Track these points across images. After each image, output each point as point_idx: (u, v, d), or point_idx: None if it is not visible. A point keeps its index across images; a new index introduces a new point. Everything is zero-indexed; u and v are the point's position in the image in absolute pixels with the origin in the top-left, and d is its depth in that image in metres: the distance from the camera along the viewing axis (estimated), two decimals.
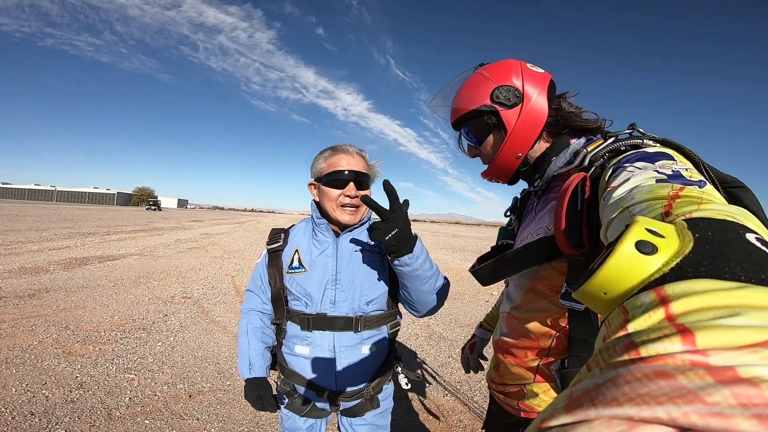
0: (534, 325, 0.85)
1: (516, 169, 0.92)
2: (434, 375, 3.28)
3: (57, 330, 3.72)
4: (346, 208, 1.19)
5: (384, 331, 1.27)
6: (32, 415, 2.28)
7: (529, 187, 1.00)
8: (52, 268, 6.80)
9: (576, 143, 0.85)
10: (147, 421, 2.30)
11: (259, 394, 1.23)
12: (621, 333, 0.25)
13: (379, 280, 1.24)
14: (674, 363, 0.20)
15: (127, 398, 2.56)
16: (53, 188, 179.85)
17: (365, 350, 1.23)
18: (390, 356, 1.32)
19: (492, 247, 1.00)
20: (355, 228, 1.25)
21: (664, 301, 0.25)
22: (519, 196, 1.08)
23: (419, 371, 1.44)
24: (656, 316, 0.25)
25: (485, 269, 0.87)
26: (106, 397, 2.54)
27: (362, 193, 1.20)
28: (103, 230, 15.60)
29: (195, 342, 3.68)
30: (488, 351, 1.37)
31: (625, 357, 0.22)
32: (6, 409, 2.32)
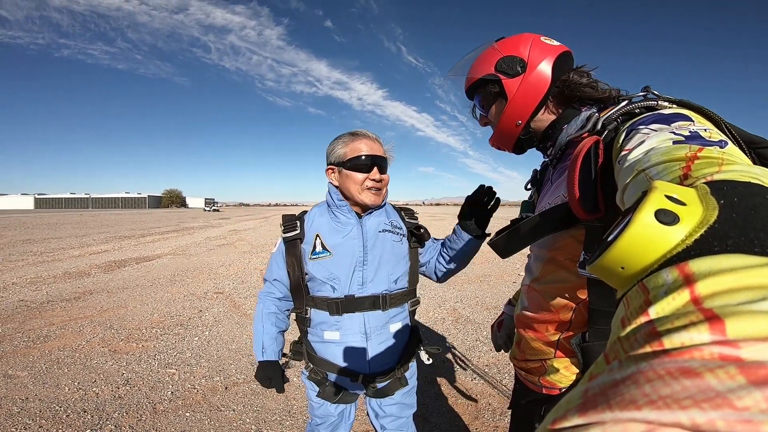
0: (554, 298, 0.83)
1: (517, 136, 0.93)
2: (462, 358, 3.29)
3: (102, 330, 3.96)
4: (371, 190, 1.23)
5: (406, 308, 1.34)
6: (84, 412, 2.44)
7: (545, 157, 1.00)
8: (93, 271, 7.19)
9: (587, 110, 0.84)
10: (188, 414, 2.43)
11: (269, 375, 1.29)
12: (642, 318, 0.23)
13: (402, 258, 1.30)
14: (702, 357, 0.18)
15: (169, 392, 2.70)
16: (88, 196, 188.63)
17: (393, 329, 1.29)
18: (413, 333, 1.37)
19: (511, 221, 0.98)
20: (375, 209, 1.29)
21: (688, 281, 0.23)
22: (538, 169, 1.07)
23: (438, 346, 1.48)
24: (680, 298, 0.22)
25: (502, 240, 0.86)
26: (150, 392, 2.70)
27: (385, 177, 1.26)
28: (138, 233, 16.32)
29: (229, 335, 3.83)
30: None
31: (647, 349, 0.20)
32: (60, 407, 2.49)
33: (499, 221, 1.08)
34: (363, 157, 1.20)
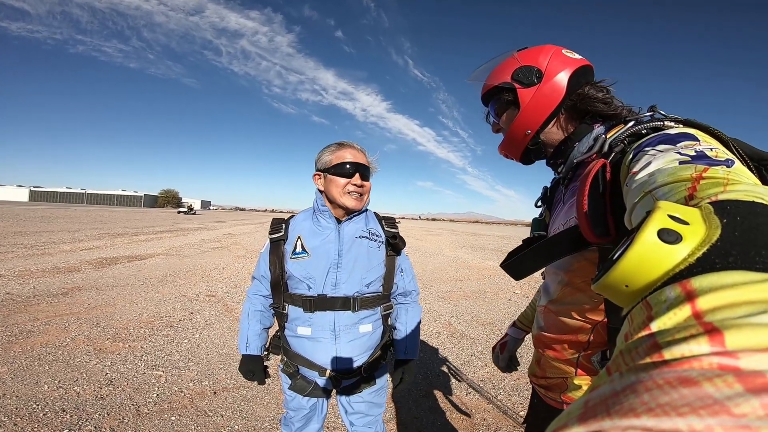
0: (571, 319, 0.83)
1: (525, 146, 0.93)
2: (457, 373, 3.23)
3: (88, 327, 3.85)
4: (353, 194, 1.31)
5: (378, 312, 1.40)
6: (63, 411, 2.34)
7: (555, 174, 1.00)
8: (83, 267, 7.06)
9: (599, 129, 0.84)
10: (173, 418, 2.34)
11: (251, 368, 1.40)
12: (644, 332, 0.23)
13: (376, 264, 1.37)
14: (701, 367, 0.18)
15: (155, 395, 2.61)
16: (83, 191, 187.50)
17: (362, 329, 1.35)
18: (384, 335, 1.44)
19: (524, 240, 0.98)
20: (355, 216, 1.37)
21: (690, 296, 0.24)
22: (549, 186, 1.06)
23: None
24: (682, 313, 0.23)
25: (515, 263, 0.86)
26: (134, 394, 2.60)
27: (366, 183, 1.34)
28: (132, 231, 16.15)
29: (219, 339, 3.73)
30: (520, 351, 1.33)
31: (648, 360, 0.21)
32: (38, 405, 2.39)
33: (495, 239, 1.07)
34: (347, 164, 1.30)
